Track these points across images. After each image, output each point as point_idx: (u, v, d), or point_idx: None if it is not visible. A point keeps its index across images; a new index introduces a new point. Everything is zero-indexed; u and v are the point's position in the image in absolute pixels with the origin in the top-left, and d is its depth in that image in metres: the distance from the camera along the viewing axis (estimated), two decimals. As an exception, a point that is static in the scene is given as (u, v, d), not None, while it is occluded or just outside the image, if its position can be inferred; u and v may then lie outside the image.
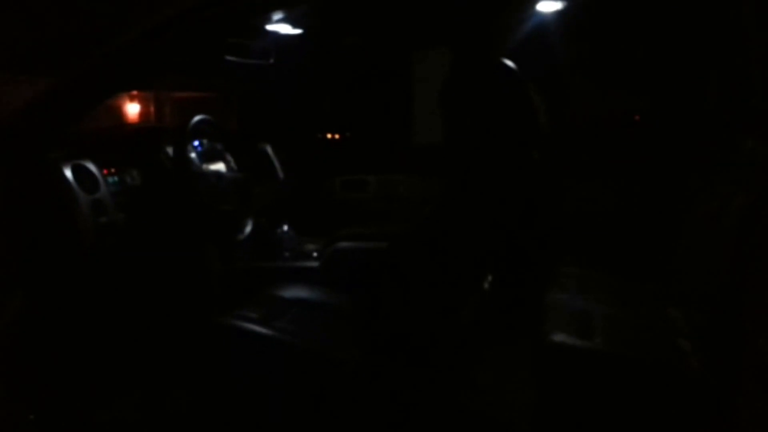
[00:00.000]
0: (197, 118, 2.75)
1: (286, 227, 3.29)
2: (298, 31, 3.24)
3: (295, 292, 2.74)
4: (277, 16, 3.02)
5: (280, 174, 3.83)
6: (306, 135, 4.21)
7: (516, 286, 2.81)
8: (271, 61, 3.27)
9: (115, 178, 2.75)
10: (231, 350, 2.36)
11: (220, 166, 3.20)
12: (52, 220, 2.42)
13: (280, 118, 4.13)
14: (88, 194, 2.48)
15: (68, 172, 2.45)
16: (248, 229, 2.80)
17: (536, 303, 2.85)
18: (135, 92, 3.23)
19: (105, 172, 2.72)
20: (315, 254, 3.20)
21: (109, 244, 2.50)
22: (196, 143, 3.19)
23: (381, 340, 2.12)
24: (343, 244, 3.04)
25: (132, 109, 3.29)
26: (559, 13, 3.12)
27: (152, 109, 3.36)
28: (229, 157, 3.36)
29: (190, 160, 2.85)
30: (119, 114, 3.30)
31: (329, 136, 4.38)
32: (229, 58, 3.03)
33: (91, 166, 2.57)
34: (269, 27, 3.13)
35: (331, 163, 4.09)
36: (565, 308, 2.68)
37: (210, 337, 2.39)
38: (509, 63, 1.95)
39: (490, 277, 2.29)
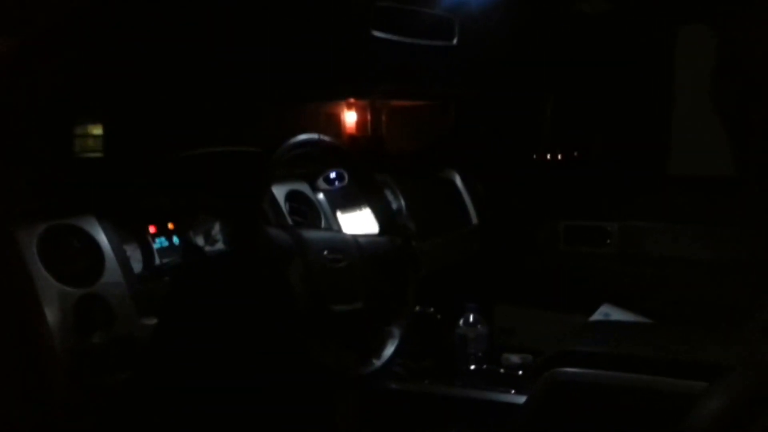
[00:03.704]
0: (299, 138, 1.48)
1: (472, 316, 1.91)
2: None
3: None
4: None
5: (474, 217, 2.46)
6: (513, 154, 2.78)
7: None
8: (455, 41, 1.92)
9: (173, 239, 1.54)
10: None
11: (363, 216, 1.90)
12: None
13: (480, 131, 2.76)
14: (71, 287, 1.27)
15: (33, 246, 1.25)
16: (392, 347, 1.47)
17: None
18: (352, 100, 2.77)
19: (152, 230, 1.52)
20: (520, 372, 1.79)
21: (108, 387, 1.28)
22: (332, 175, 1.93)
23: None
24: (572, 371, 1.58)
25: (350, 118, 2.81)
26: None
27: (369, 117, 2.86)
28: (392, 195, 2.07)
29: (273, 214, 1.60)
30: (337, 122, 2.79)
31: (547, 156, 2.92)
32: (377, 33, 1.72)
33: (96, 228, 1.37)
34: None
35: (550, 198, 2.63)
36: None
37: None
38: None
39: None
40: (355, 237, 1.55)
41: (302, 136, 1.51)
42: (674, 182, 2.52)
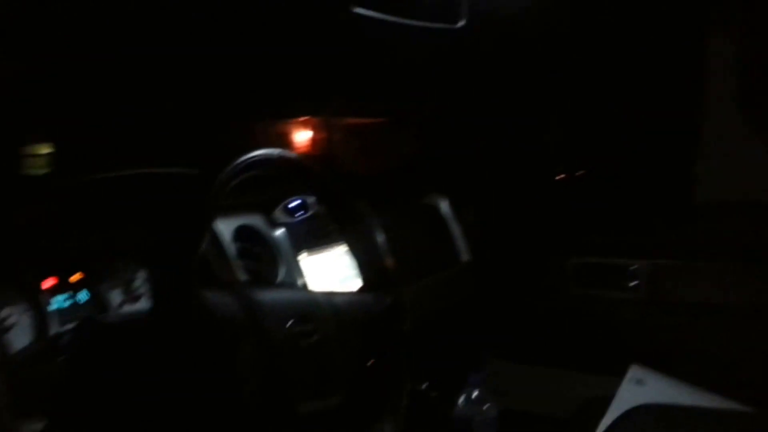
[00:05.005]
0: (254, 155, 1.05)
1: (476, 392, 1.49)
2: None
3: None
4: None
5: (464, 252, 2.04)
6: (515, 174, 2.37)
7: None
8: (461, 23, 1.53)
9: (79, 296, 1.13)
10: None
11: (334, 258, 1.48)
12: None
13: (466, 145, 2.33)
14: None
15: None
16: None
17: None
18: (306, 117, 2.44)
19: (48, 284, 1.11)
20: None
21: None
22: (293, 203, 1.50)
23: None
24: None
25: (303, 136, 2.49)
26: None
27: (323, 135, 2.54)
28: (369, 227, 1.64)
29: (217, 259, 1.18)
30: (289, 141, 2.42)
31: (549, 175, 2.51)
32: (358, 10, 1.32)
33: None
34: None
35: (558, 229, 2.22)
36: None
37: None
38: None
39: None
40: (329, 297, 1.12)
41: (258, 153, 1.08)
42: (709, 210, 2.13)
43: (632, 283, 2.00)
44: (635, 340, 1.95)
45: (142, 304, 1.18)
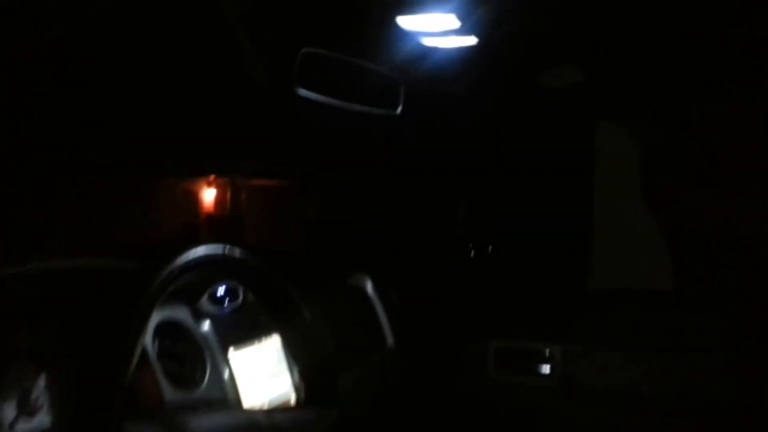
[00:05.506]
0: (197, 253, 0.94)
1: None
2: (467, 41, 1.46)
3: None
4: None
5: (389, 339, 1.96)
6: (432, 254, 2.34)
7: None
8: (398, 110, 1.50)
9: None
10: None
11: (265, 353, 1.36)
12: None
13: (390, 221, 2.31)
14: None
15: None
16: None
17: None
18: (213, 177, 2.63)
19: None
20: None
21: None
22: (220, 291, 1.36)
23: None
24: None
25: (208, 196, 2.67)
26: None
27: (228, 195, 2.75)
28: (303, 317, 1.51)
29: None
30: (194, 200, 2.60)
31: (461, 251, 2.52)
32: (302, 92, 1.25)
33: None
34: (410, 27, 1.35)
35: (477, 311, 2.19)
36: None
37: None
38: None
39: None
40: (269, 416, 1.00)
41: (201, 250, 0.97)
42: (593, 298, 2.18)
43: (546, 368, 1.98)
44: (551, 427, 1.92)
45: (41, 420, 1.00)
